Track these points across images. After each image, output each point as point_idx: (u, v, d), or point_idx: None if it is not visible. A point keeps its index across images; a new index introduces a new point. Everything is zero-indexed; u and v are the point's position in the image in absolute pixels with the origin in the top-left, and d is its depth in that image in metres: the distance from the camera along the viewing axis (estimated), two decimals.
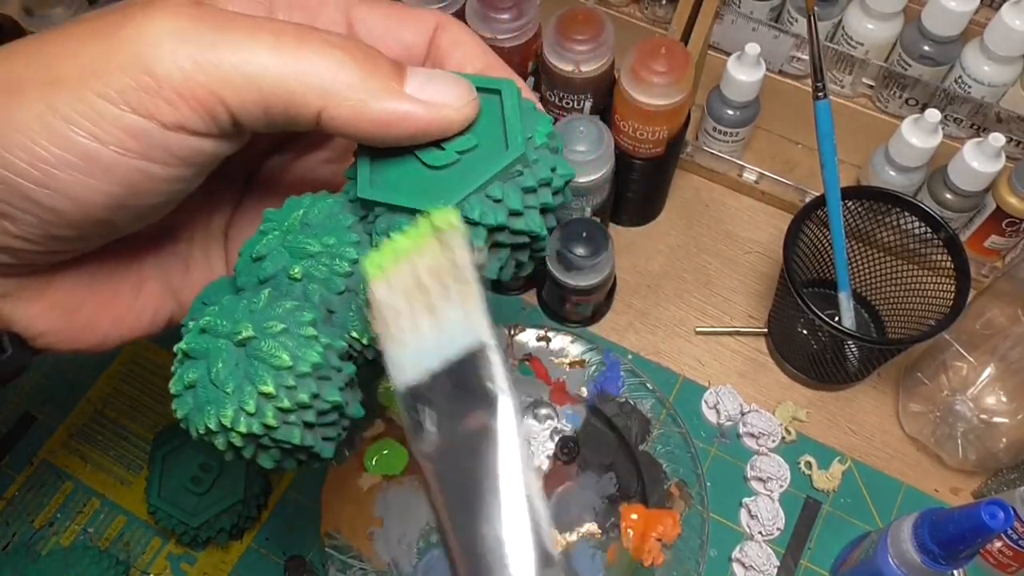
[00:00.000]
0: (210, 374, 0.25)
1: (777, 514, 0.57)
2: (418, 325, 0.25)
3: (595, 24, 0.58)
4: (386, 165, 0.26)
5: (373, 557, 0.56)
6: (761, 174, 0.69)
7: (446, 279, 0.25)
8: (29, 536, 0.58)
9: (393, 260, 0.25)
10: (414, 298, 0.25)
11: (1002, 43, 0.58)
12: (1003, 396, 0.56)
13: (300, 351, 0.25)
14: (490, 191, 0.25)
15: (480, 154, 0.25)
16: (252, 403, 0.24)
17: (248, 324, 0.25)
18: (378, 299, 0.25)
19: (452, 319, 0.25)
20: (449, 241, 0.25)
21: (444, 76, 0.25)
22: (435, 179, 0.26)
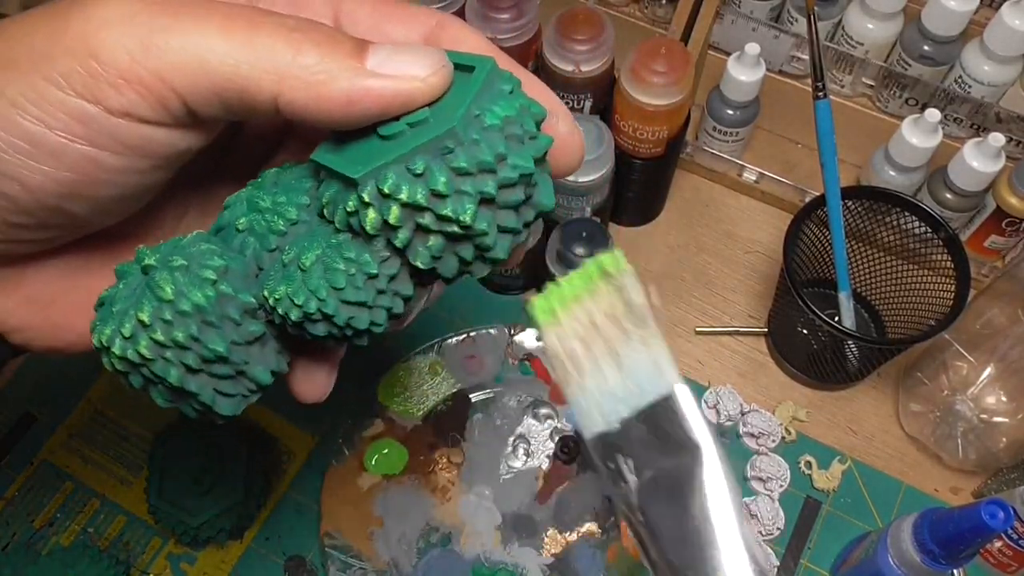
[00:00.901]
0: (114, 293, 0.25)
1: (777, 514, 0.57)
2: (601, 371, 0.24)
3: (595, 24, 0.58)
4: (350, 133, 0.25)
5: (373, 557, 0.56)
6: (761, 174, 0.69)
7: (624, 323, 0.24)
8: (29, 536, 0.58)
9: (563, 304, 0.25)
10: (593, 343, 0.24)
11: (1002, 43, 0.58)
12: (1003, 396, 0.56)
13: (187, 288, 0.24)
14: (411, 164, 0.23)
15: (426, 127, 0.23)
16: (128, 327, 0.24)
17: (156, 255, 0.24)
18: (552, 344, 0.25)
19: (638, 364, 0.24)
20: (621, 283, 0.24)
21: (411, 48, 0.24)
22: (378, 148, 0.24)
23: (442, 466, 0.59)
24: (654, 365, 0.24)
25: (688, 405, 0.24)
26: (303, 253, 0.24)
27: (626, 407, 0.24)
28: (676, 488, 0.24)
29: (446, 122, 0.23)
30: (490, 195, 0.23)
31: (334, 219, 0.25)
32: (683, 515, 0.24)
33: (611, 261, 0.24)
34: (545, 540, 0.57)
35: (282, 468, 0.60)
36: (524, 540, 0.57)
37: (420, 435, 0.59)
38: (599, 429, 0.24)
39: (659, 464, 0.24)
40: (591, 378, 0.24)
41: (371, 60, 0.23)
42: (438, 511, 0.57)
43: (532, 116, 0.24)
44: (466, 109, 0.23)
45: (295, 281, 0.24)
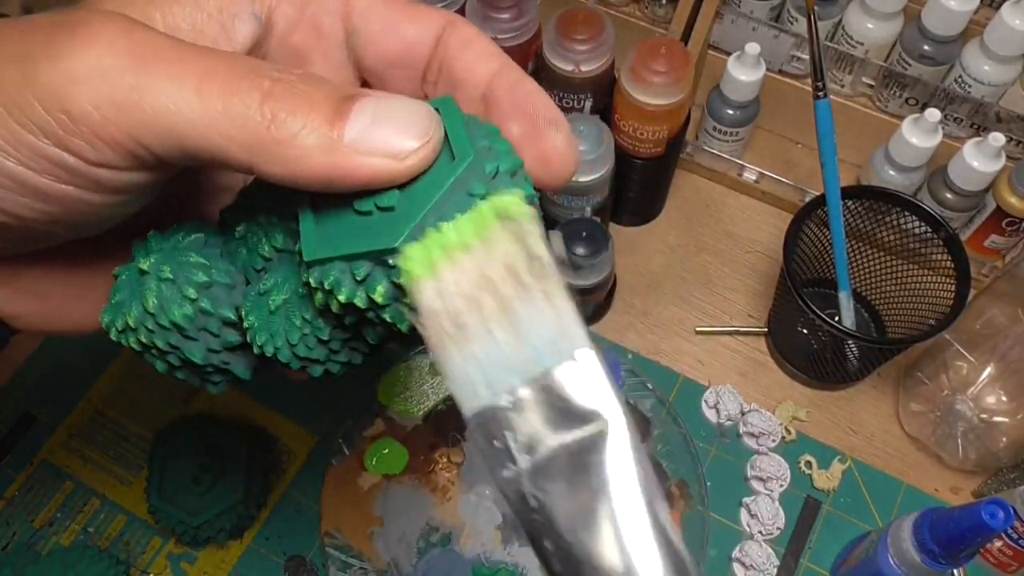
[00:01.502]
0: (117, 281, 0.26)
1: (777, 514, 0.57)
2: (491, 334, 0.20)
3: (595, 24, 0.58)
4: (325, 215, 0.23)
5: (373, 557, 0.56)
6: (761, 174, 0.69)
7: (523, 276, 0.20)
8: (29, 536, 0.58)
9: (446, 253, 0.21)
10: (482, 300, 0.20)
11: (1002, 43, 0.58)
12: (1003, 395, 0.56)
13: (167, 304, 0.25)
14: (355, 268, 0.22)
15: (385, 223, 0.22)
16: (120, 322, 0.25)
17: (151, 259, 0.25)
18: (429, 301, 0.21)
19: (536, 324, 0.20)
20: (521, 229, 0.21)
21: (396, 112, 0.22)
22: (343, 227, 0.22)
23: (442, 466, 0.59)
24: (557, 325, 0.20)
25: (593, 370, 0.20)
26: (273, 292, 0.25)
27: (519, 376, 0.20)
28: (576, 466, 0.20)
29: (408, 220, 0.21)
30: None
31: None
32: (584, 495, 0.20)
33: (511, 203, 0.21)
34: None
35: (282, 468, 0.60)
36: (524, 540, 0.57)
37: (420, 435, 0.59)
38: (484, 403, 0.21)
39: (557, 440, 0.20)
40: (477, 342, 0.20)
41: (352, 127, 0.21)
42: (438, 511, 0.57)
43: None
44: (418, 221, 0.21)
45: (262, 317, 0.25)
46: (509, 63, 0.26)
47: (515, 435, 0.20)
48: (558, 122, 0.26)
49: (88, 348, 0.64)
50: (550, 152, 0.25)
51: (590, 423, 0.20)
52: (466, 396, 0.21)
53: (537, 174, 0.25)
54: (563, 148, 0.25)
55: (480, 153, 0.22)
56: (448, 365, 0.21)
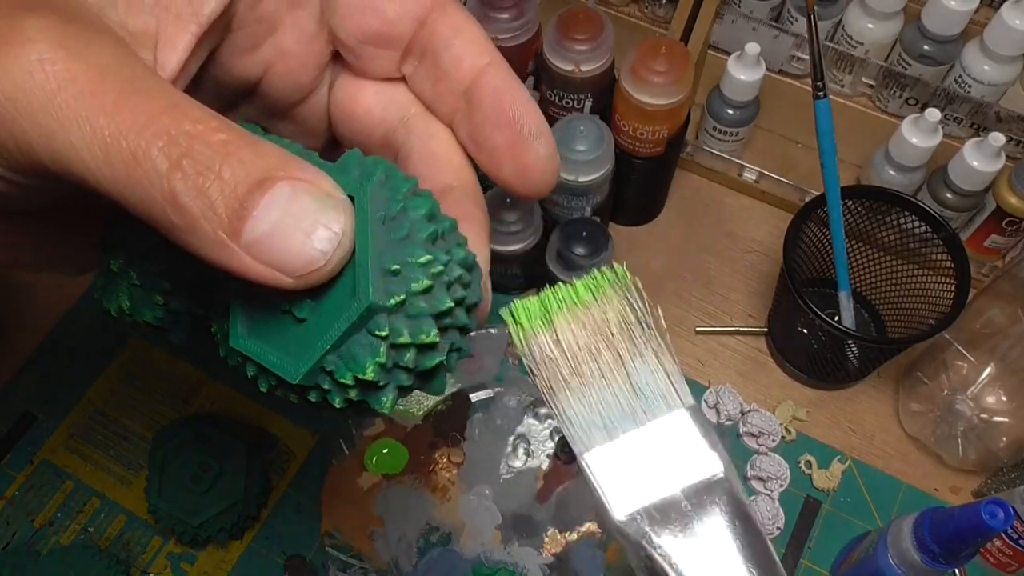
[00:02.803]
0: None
1: (777, 513, 0.57)
2: (607, 383, 0.22)
3: (595, 24, 0.58)
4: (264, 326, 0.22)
5: (373, 557, 0.56)
6: (761, 173, 0.69)
7: (636, 333, 0.22)
8: (29, 535, 0.58)
9: (561, 307, 0.23)
10: (599, 350, 0.22)
11: (1002, 42, 0.57)
12: (1003, 395, 0.56)
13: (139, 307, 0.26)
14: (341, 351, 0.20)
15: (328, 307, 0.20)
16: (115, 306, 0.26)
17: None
18: (542, 350, 0.22)
19: (648, 377, 0.22)
20: (632, 293, 0.23)
21: (304, 223, 0.19)
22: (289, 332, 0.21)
23: (442, 466, 0.59)
24: (666, 381, 0.23)
25: (700, 423, 0.23)
26: None
27: (632, 422, 0.22)
28: (687, 511, 0.22)
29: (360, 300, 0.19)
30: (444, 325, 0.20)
31: None
32: (695, 541, 0.22)
33: (619, 271, 0.23)
34: (545, 540, 0.57)
35: (282, 468, 0.60)
36: (524, 540, 0.57)
37: (420, 435, 0.59)
38: (598, 444, 0.22)
39: (673, 485, 0.22)
40: (595, 390, 0.22)
41: (250, 230, 0.19)
42: (438, 511, 0.57)
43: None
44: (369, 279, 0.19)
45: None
46: (499, 60, 0.25)
47: (629, 476, 0.22)
48: (542, 133, 0.25)
49: (88, 348, 0.64)
50: (531, 165, 0.24)
51: (699, 468, 0.22)
52: (581, 436, 0.22)
53: (514, 184, 0.24)
54: (545, 161, 0.24)
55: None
56: (565, 409, 0.22)
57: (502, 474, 0.58)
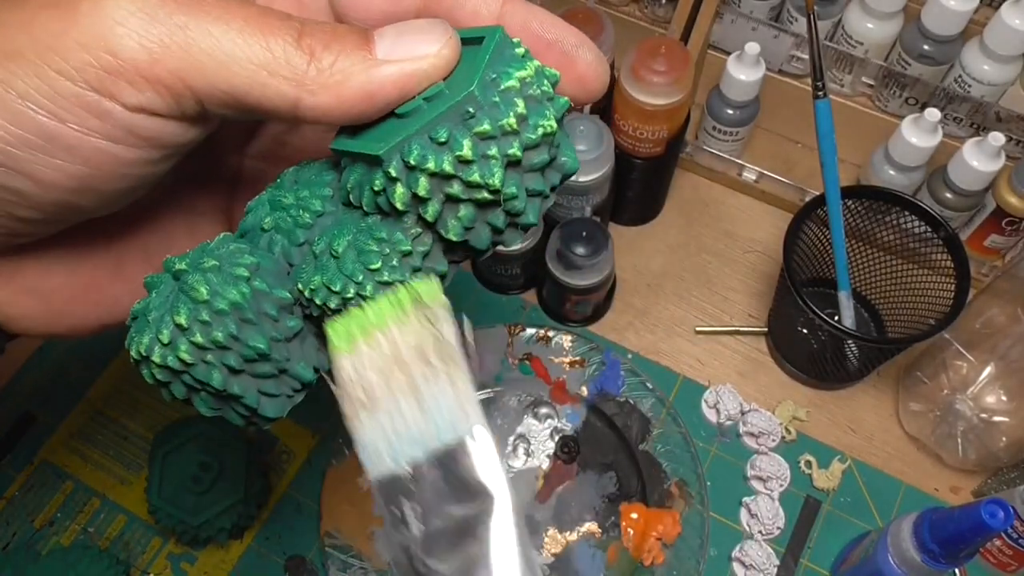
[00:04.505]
0: (147, 304, 0.24)
1: (777, 513, 0.57)
2: (398, 408, 0.22)
3: (595, 24, 0.58)
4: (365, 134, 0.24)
5: (373, 557, 0.56)
6: (761, 173, 0.69)
7: (432, 358, 0.22)
8: (29, 536, 0.58)
9: (364, 330, 0.23)
10: (392, 376, 0.22)
11: (1002, 42, 0.57)
12: (1003, 395, 0.56)
13: (221, 287, 0.23)
14: (434, 133, 0.22)
15: (442, 98, 0.23)
16: (167, 333, 0.24)
17: (185, 260, 0.24)
18: (346, 373, 0.22)
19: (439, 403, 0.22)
20: (434, 314, 0.23)
21: (414, 25, 0.23)
22: (397, 126, 0.23)
23: None
24: (457, 406, 0.22)
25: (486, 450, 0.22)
26: (334, 240, 0.24)
27: (420, 449, 0.22)
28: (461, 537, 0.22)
29: (462, 89, 0.22)
30: (516, 157, 0.23)
31: (361, 203, 0.24)
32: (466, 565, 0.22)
33: (426, 290, 0.23)
34: (545, 540, 0.57)
35: (282, 467, 0.60)
36: None
37: None
38: (386, 471, 0.22)
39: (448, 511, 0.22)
40: (385, 414, 0.22)
41: (380, 48, 0.23)
42: None
43: (547, 77, 0.24)
44: (481, 75, 0.22)
45: (329, 269, 0.24)
46: (524, 8, 0.26)
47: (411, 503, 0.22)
48: (582, 42, 0.26)
49: (88, 348, 0.64)
50: (585, 73, 0.26)
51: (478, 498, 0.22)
52: (372, 462, 0.22)
53: (577, 94, 0.26)
54: (595, 65, 0.26)
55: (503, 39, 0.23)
56: (358, 432, 0.22)
57: None
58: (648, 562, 0.55)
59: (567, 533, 0.57)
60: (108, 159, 0.23)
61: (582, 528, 0.57)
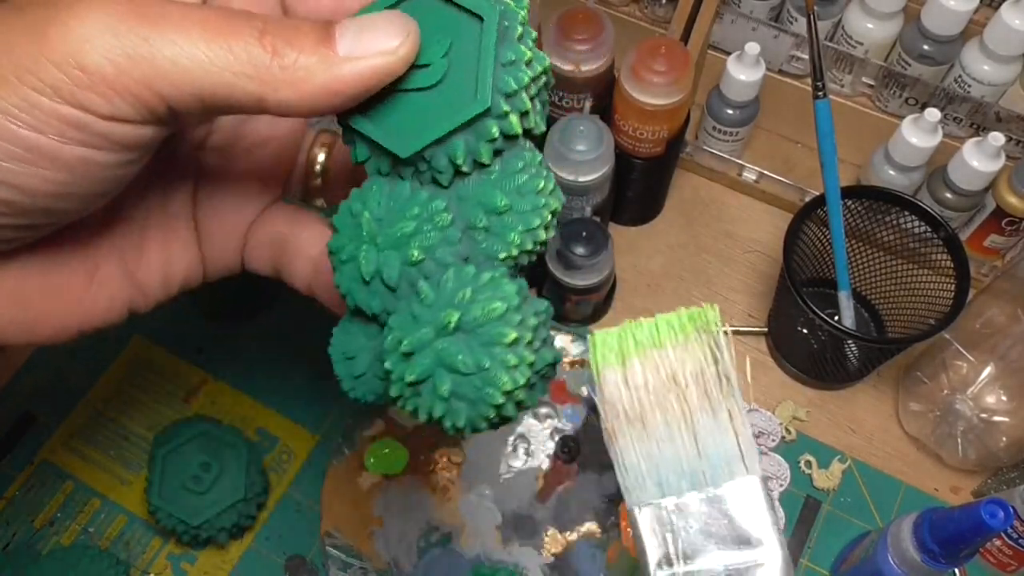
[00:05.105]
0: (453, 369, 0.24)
1: (777, 513, 0.57)
2: (673, 437, 0.21)
3: (595, 24, 0.58)
4: (382, 115, 0.25)
5: (373, 557, 0.56)
6: (761, 173, 0.69)
7: (711, 389, 0.21)
8: (29, 536, 0.58)
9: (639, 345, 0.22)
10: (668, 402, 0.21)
11: (1002, 42, 0.57)
12: (1003, 395, 0.56)
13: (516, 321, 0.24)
14: (502, 58, 0.24)
15: (463, 46, 0.24)
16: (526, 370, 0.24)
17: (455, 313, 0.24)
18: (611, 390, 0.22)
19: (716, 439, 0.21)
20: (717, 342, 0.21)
21: (373, 22, 0.24)
22: (443, 93, 0.25)
23: (442, 466, 0.59)
24: (735, 445, 0.21)
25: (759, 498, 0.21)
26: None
27: (690, 484, 0.21)
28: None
29: (474, 27, 0.24)
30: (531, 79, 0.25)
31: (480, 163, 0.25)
32: None
33: (710, 315, 0.22)
34: (545, 540, 0.57)
35: (282, 467, 0.60)
36: (524, 540, 0.57)
37: (420, 435, 0.59)
38: (651, 499, 0.21)
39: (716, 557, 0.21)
40: (656, 441, 0.21)
41: (341, 45, 0.24)
42: (438, 511, 0.57)
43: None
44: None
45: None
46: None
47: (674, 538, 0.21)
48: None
49: (88, 348, 0.64)
50: None
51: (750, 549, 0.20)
52: (635, 488, 0.22)
53: None
54: None
55: (501, 5, 0.24)
56: (621, 454, 0.22)
57: (502, 474, 0.58)
58: None
59: (567, 533, 0.57)
60: (87, 165, 0.24)
61: (582, 528, 0.57)
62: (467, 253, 0.26)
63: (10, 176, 0.24)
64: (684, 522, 0.21)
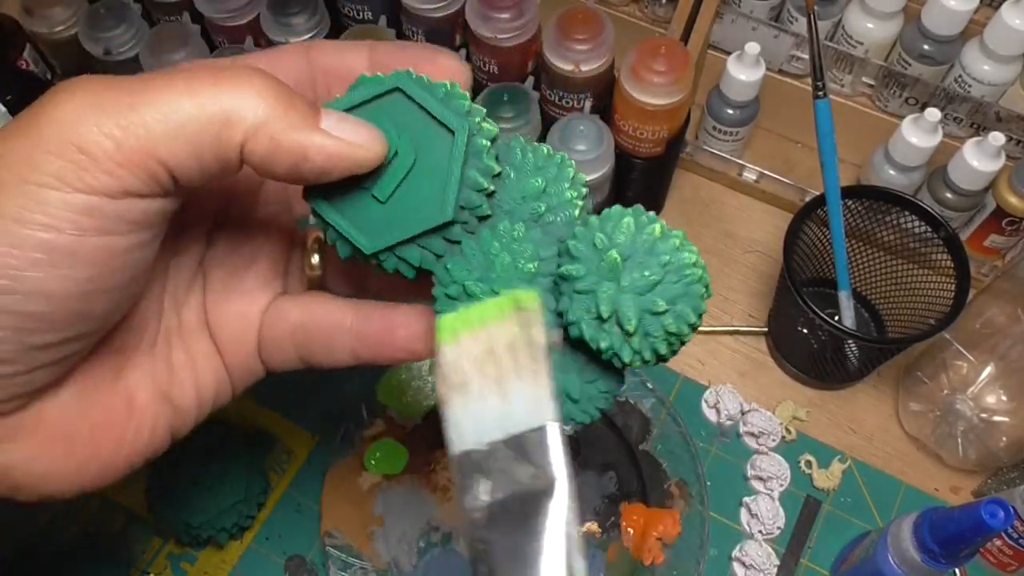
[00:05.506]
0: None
1: (777, 513, 0.57)
2: (484, 394, 0.26)
3: (595, 23, 0.58)
4: (352, 209, 0.28)
5: (373, 556, 0.56)
6: (761, 173, 0.69)
7: (520, 356, 0.26)
8: (30, 536, 0.58)
9: (468, 326, 0.27)
10: (485, 367, 0.26)
11: (1002, 42, 0.58)
12: (1003, 395, 0.56)
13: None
14: (467, 179, 0.27)
15: (431, 154, 0.27)
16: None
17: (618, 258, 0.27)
18: (446, 360, 0.26)
19: (520, 395, 0.26)
20: (529, 319, 0.26)
21: (355, 119, 0.26)
22: (408, 197, 0.27)
23: (443, 465, 0.59)
24: (536, 399, 0.26)
25: (555, 441, 0.25)
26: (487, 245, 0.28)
27: (499, 431, 0.26)
28: (522, 514, 0.25)
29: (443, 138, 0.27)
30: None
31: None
32: (521, 539, 0.25)
33: (526, 298, 0.26)
34: None
35: (282, 468, 0.60)
36: None
37: (420, 435, 0.59)
38: (467, 447, 0.26)
39: (513, 489, 0.25)
40: (474, 399, 0.26)
41: (324, 121, 0.25)
42: (439, 510, 0.57)
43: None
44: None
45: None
46: (375, 43, 0.30)
47: (483, 476, 0.26)
48: (438, 50, 0.30)
49: None
50: (446, 68, 0.29)
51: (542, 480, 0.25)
52: (455, 439, 0.26)
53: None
54: (453, 62, 0.29)
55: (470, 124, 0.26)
56: (449, 412, 0.26)
57: None
58: (648, 562, 0.55)
59: None
60: (107, 254, 0.24)
61: (582, 528, 0.57)
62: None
63: (35, 284, 0.23)
64: (491, 463, 0.25)
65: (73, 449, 0.27)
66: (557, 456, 0.25)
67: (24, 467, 0.27)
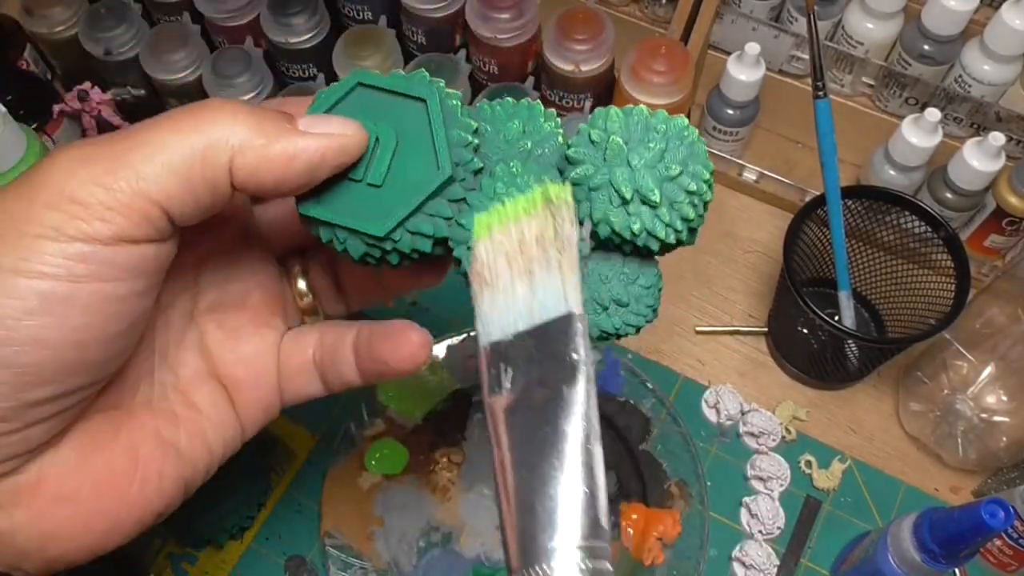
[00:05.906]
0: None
1: (777, 513, 0.57)
2: (513, 286, 0.26)
3: (595, 24, 0.58)
4: (347, 204, 0.28)
5: (373, 556, 0.56)
6: (761, 173, 0.69)
7: (549, 248, 0.26)
8: None
9: (500, 222, 0.27)
10: (515, 260, 0.26)
11: (1002, 42, 0.58)
12: (1003, 395, 0.56)
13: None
14: (452, 134, 0.27)
15: (411, 127, 0.28)
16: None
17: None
18: (479, 256, 0.27)
19: (548, 286, 0.26)
20: (559, 213, 0.26)
21: (328, 116, 0.27)
22: (401, 174, 0.28)
23: (442, 466, 0.59)
24: (561, 288, 0.26)
25: (577, 329, 0.26)
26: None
27: (524, 322, 0.26)
28: (544, 405, 0.25)
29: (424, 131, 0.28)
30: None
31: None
32: (542, 428, 0.25)
33: (556, 190, 0.27)
34: None
35: (282, 468, 0.60)
36: None
37: (420, 435, 0.59)
38: (495, 338, 0.26)
39: (536, 377, 0.25)
40: (502, 292, 0.26)
41: (301, 124, 0.26)
42: (439, 511, 0.57)
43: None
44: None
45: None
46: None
47: (507, 367, 0.26)
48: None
49: None
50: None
51: (565, 368, 0.25)
52: (484, 331, 0.26)
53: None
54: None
55: (438, 88, 0.28)
56: (480, 305, 0.27)
57: None
58: (648, 562, 0.55)
59: None
60: (102, 300, 0.25)
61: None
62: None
63: (31, 332, 0.23)
64: (516, 352, 0.26)
65: (77, 507, 0.27)
66: (579, 344, 0.25)
67: (27, 530, 0.26)
